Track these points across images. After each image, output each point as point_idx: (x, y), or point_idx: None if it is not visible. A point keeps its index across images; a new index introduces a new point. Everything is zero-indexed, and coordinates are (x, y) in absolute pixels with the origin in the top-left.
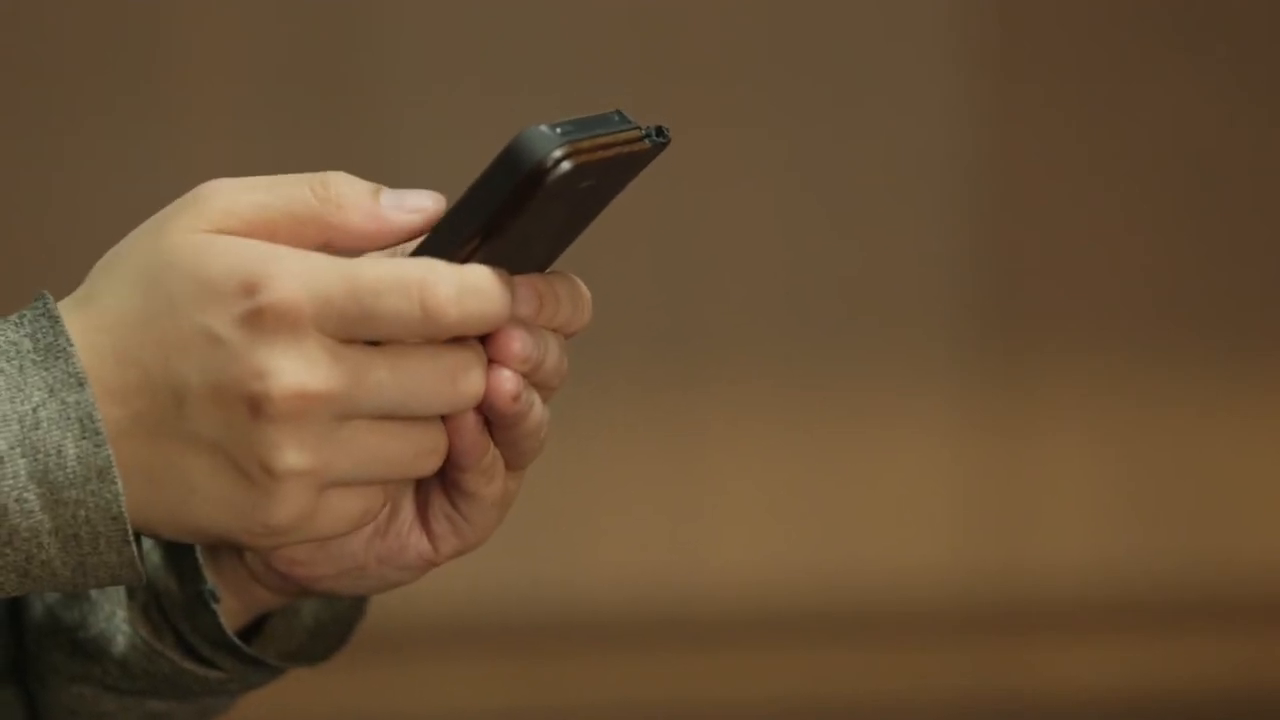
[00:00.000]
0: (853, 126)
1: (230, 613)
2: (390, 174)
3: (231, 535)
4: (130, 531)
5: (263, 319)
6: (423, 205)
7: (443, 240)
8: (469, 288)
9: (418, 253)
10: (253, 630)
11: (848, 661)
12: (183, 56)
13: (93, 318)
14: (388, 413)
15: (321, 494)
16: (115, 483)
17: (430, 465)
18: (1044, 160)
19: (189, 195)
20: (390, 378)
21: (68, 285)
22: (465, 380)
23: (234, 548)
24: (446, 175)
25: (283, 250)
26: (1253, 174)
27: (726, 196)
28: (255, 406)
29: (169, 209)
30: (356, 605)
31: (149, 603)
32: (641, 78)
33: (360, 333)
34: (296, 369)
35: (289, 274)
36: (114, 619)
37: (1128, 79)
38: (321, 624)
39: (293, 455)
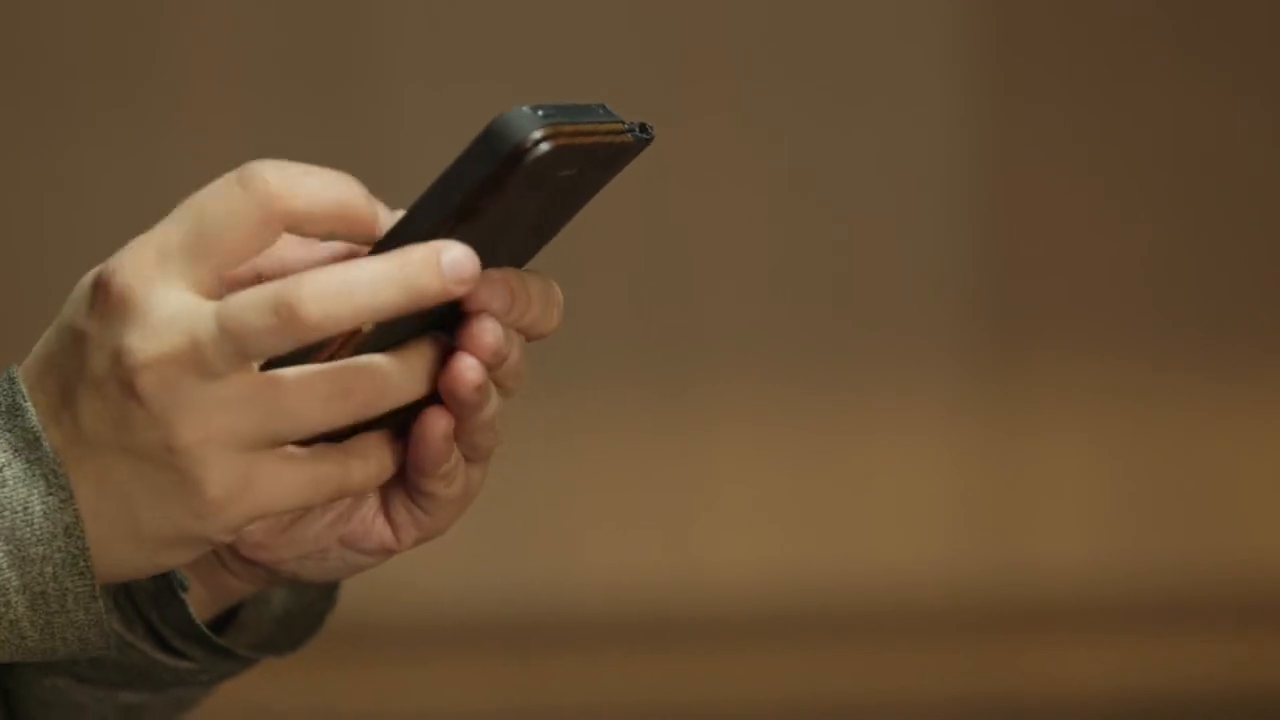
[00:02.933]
0: (853, 126)
1: (200, 602)
2: (390, 173)
3: (186, 529)
4: (97, 588)
5: (109, 303)
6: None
7: (417, 221)
8: (336, 287)
9: (390, 235)
10: (224, 622)
11: (845, 662)
12: (182, 56)
13: (29, 363)
14: (238, 358)
15: (249, 458)
16: (82, 538)
17: (352, 406)
18: (1044, 160)
19: None
20: (218, 323)
21: (66, 285)
22: (286, 309)
23: (202, 550)
24: None
25: (138, 238)
26: (1252, 174)
27: (725, 197)
28: (126, 388)
29: None
30: (326, 594)
31: (119, 593)
32: (641, 77)
33: (206, 272)
34: (142, 339)
35: (132, 250)
36: None
37: (1128, 80)
38: (291, 614)
39: (182, 426)
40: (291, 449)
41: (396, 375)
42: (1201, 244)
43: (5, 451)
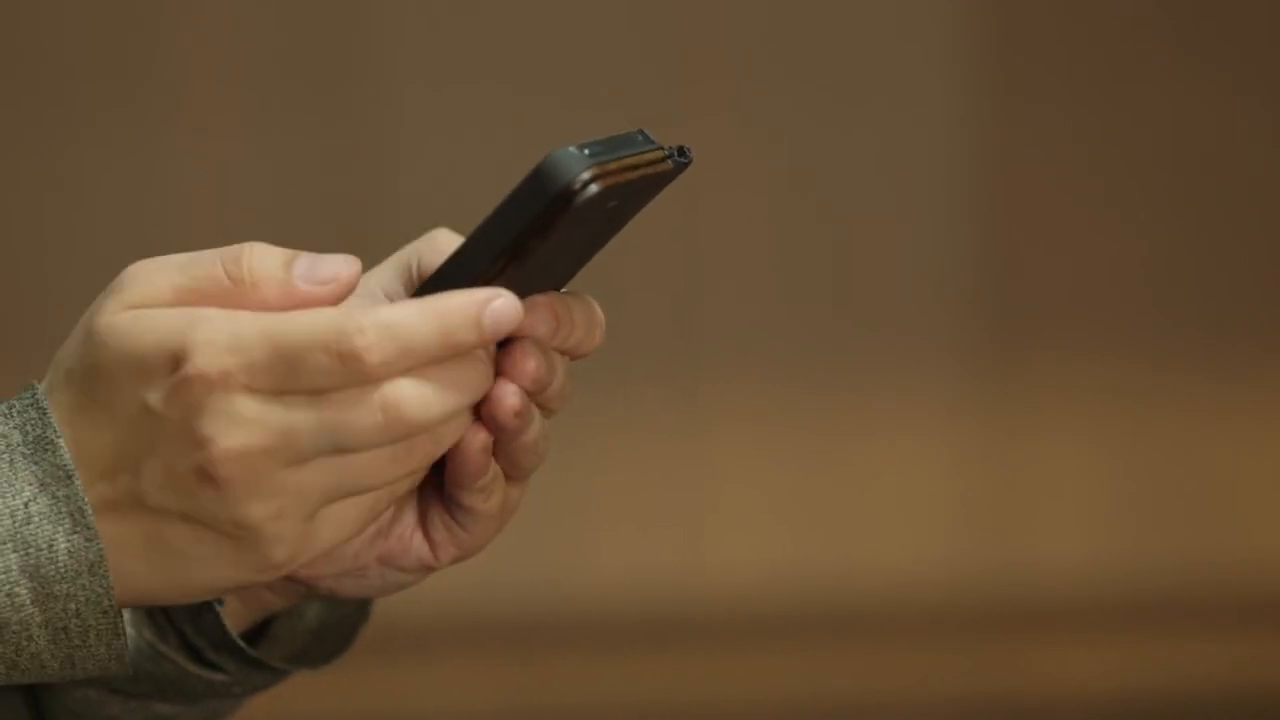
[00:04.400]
0: (853, 126)
1: (234, 615)
2: (390, 173)
3: (238, 581)
4: (120, 625)
5: (191, 389)
6: (335, 274)
7: (471, 261)
8: (386, 331)
9: (442, 273)
10: (257, 633)
11: (847, 661)
12: (182, 56)
13: (55, 410)
14: (332, 450)
15: (311, 520)
16: (106, 577)
17: (416, 462)
18: (1044, 161)
19: (113, 282)
20: (319, 421)
21: (66, 285)
22: (394, 410)
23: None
24: (446, 173)
25: (206, 314)
26: (1252, 174)
27: (727, 198)
28: (204, 475)
29: (98, 299)
30: (360, 608)
31: (153, 606)
32: (642, 78)
33: (294, 387)
34: (229, 432)
35: (211, 341)
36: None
37: (1127, 80)
38: (325, 627)
39: (258, 508)
40: None
41: (453, 424)
42: (1201, 244)
43: (31, 485)
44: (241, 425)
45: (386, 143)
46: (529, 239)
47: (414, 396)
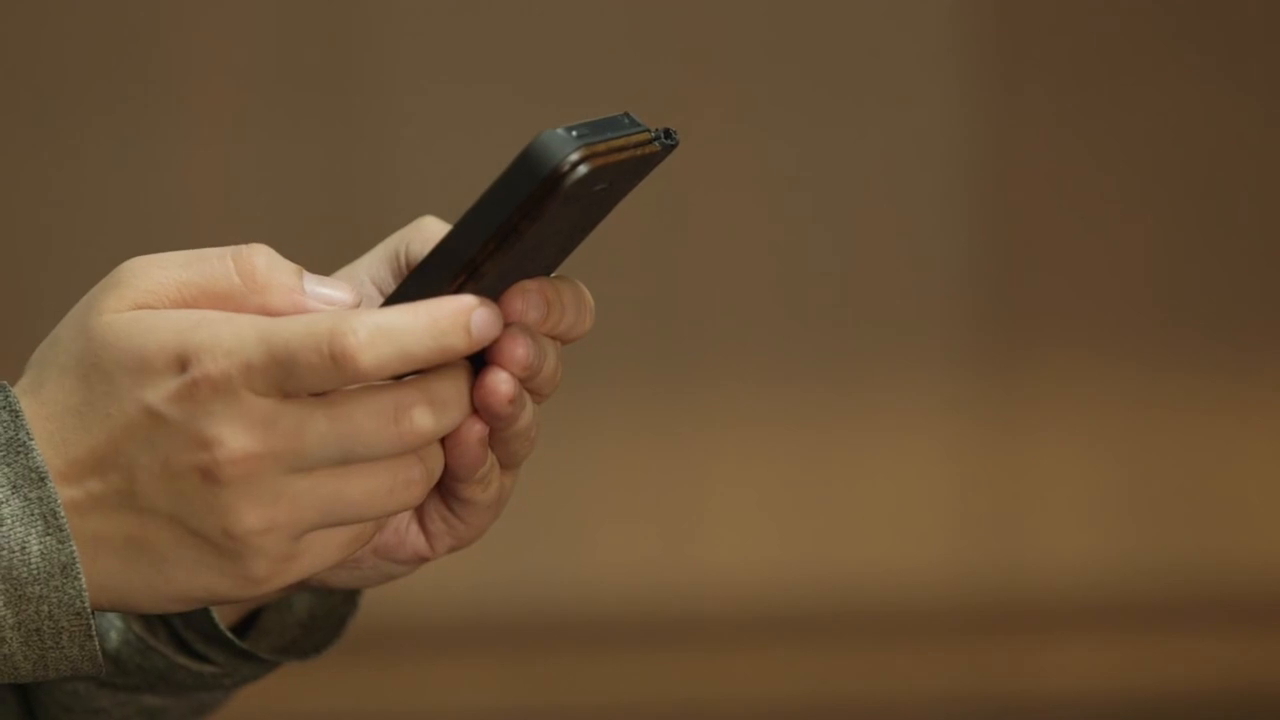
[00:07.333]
0: (852, 126)
1: (223, 608)
2: (389, 173)
3: (219, 594)
4: (93, 626)
5: (198, 391)
6: (339, 300)
7: (460, 245)
8: (379, 332)
9: (431, 258)
10: (246, 624)
11: (844, 662)
12: (182, 57)
13: (40, 406)
14: (339, 460)
15: (298, 542)
16: (79, 579)
17: (411, 497)
18: (1043, 160)
19: (111, 276)
20: (330, 427)
21: (66, 285)
22: (407, 419)
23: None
24: (446, 174)
25: (209, 318)
26: (1252, 174)
27: (725, 197)
28: (206, 474)
29: (93, 291)
30: (349, 599)
31: (128, 613)
32: (641, 77)
33: (291, 389)
34: (238, 434)
35: (215, 343)
36: (107, 615)
37: (1127, 79)
38: (315, 618)
39: (251, 516)
40: None
41: (439, 451)
42: (1201, 244)
43: (4, 488)
44: (251, 428)
45: (387, 143)
46: (518, 221)
47: (423, 408)
